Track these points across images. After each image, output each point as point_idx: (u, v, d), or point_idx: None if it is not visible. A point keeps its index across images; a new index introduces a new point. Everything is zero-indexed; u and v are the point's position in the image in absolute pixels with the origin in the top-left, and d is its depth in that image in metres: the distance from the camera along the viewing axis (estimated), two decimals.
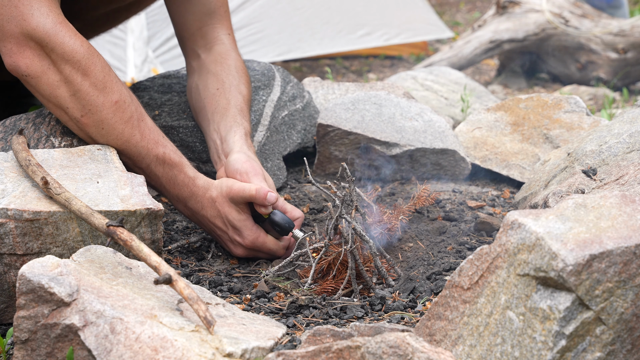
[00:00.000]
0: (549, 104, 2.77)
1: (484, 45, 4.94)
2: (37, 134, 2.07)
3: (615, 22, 4.92)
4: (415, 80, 3.66)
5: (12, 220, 1.68)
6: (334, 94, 2.88)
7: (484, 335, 1.43)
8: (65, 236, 1.73)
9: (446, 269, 2.00)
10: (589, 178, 2.09)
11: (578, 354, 1.36)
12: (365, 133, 2.53)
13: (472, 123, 2.78)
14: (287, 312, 1.80)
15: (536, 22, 4.89)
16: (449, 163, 2.58)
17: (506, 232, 1.42)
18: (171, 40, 4.79)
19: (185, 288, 1.45)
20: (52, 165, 1.89)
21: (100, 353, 1.40)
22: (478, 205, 2.41)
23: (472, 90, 3.65)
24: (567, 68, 4.98)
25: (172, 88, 2.59)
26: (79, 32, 1.99)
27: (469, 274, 1.46)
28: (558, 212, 1.43)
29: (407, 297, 1.88)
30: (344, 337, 1.43)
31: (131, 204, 1.79)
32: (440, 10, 8.05)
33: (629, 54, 4.82)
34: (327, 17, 5.55)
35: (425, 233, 2.18)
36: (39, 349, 1.46)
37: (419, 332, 1.52)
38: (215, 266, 2.08)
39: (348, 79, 5.46)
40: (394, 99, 2.68)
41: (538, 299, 1.37)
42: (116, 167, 1.94)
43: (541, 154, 2.61)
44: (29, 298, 1.45)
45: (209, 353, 1.37)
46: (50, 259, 1.50)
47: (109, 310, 1.43)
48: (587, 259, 1.33)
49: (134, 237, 1.58)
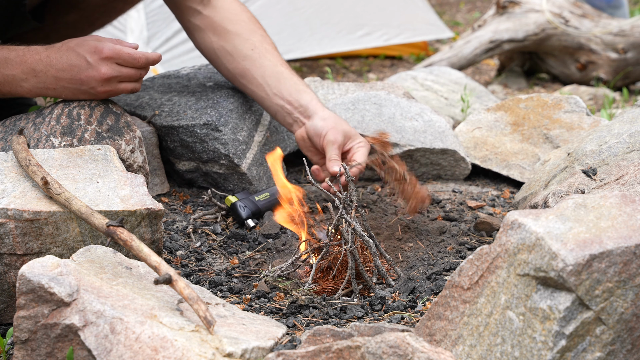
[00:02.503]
0: (549, 104, 2.77)
1: (484, 45, 4.94)
2: (37, 134, 2.07)
3: (615, 22, 4.92)
4: (415, 80, 3.66)
5: (12, 220, 1.68)
6: (334, 94, 2.88)
7: (484, 335, 1.43)
8: (65, 236, 1.73)
9: (446, 269, 2.00)
10: (589, 178, 2.09)
11: (578, 354, 1.36)
12: (365, 133, 2.53)
13: (472, 123, 2.78)
14: (287, 312, 1.80)
15: (536, 22, 4.89)
16: (449, 163, 2.58)
17: (506, 232, 1.42)
18: (171, 40, 4.78)
19: (185, 288, 1.45)
20: (52, 165, 1.89)
21: (100, 353, 1.40)
22: (478, 205, 2.41)
23: (472, 90, 3.65)
24: (567, 68, 4.97)
25: (172, 88, 2.59)
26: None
27: (469, 274, 1.46)
28: (558, 212, 1.43)
29: (407, 297, 1.88)
30: (344, 337, 1.43)
31: (131, 204, 1.79)
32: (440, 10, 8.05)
33: (629, 54, 4.81)
34: (327, 17, 5.55)
35: (425, 233, 2.18)
36: (39, 349, 1.46)
37: (419, 332, 1.52)
38: (215, 266, 2.08)
39: (348, 79, 5.46)
40: (394, 99, 2.68)
41: (538, 299, 1.37)
42: (116, 167, 1.94)
43: (541, 154, 2.61)
44: (29, 298, 1.45)
45: (209, 353, 1.37)
46: (50, 259, 1.50)
47: (109, 310, 1.43)
48: (587, 259, 1.33)
49: (134, 237, 1.58)
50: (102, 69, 2.06)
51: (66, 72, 2.06)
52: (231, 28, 2.32)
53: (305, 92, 2.24)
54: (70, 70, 2.06)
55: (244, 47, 2.30)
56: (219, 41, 2.34)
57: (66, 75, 2.06)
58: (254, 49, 2.29)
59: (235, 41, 2.32)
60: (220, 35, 2.34)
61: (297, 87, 2.25)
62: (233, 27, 2.32)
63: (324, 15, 5.53)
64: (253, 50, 2.29)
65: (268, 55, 2.28)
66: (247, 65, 2.29)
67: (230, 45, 2.32)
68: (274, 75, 2.26)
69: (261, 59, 2.28)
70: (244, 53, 2.30)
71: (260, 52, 2.29)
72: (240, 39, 2.31)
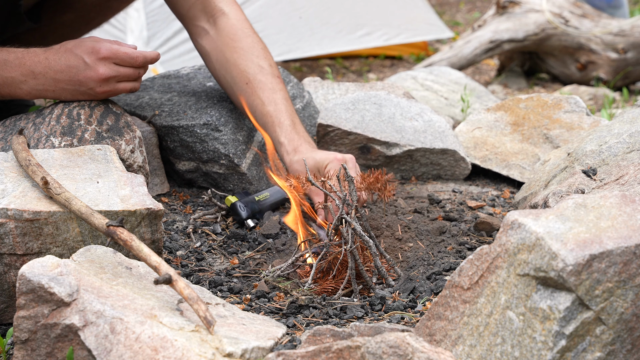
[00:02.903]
0: (549, 104, 2.77)
1: (484, 45, 4.94)
2: (37, 134, 2.07)
3: (615, 22, 4.92)
4: (415, 80, 3.66)
5: (12, 220, 1.68)
6: (334, 94, 2.88)
7: (484, 335, 1.43)
8: (65, 236, 1.73)
9: (446, 269, 2.00)
10: (589, 178, 2.09)
11: (578, 354, 1.36)
12: (365, 133, 2.53)
13: (472, 123, 2.78)
14: (287, 312, 1.80)
15: (536, 22, 4.89)
16: (449, 163, 2.58)
17: (506, 232, 1.42)
18: (171, 40, 4.78)
19: (185, 288, 1.45)
20: (52, 165, 1.89)
21: (100, 353, 1.40)
22: (478, 205, 2.41)
23: (472, 90, 3.65)
24: (567, 68, 4.98)
25: (172, 88, 2.59)
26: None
27: (469, 274, 1.46)
28: (558, 212, 1.43)
29: (407, 297, 1.88)
30: (344, 337, 1.43)
31: (131, 204, 1.79)
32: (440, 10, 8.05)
33: (629, 54, 4.81)
34: (327, 17, 5.55)
35: (425, 233, 2.18)
36: (39, 349, 1.46)
37: (419, 332, 1.52)
38: (215, 266, 2.08)
39: (348, 79, 5.46)
40: (394, 99, 2.68)
41: (538, 299, 1.37)
42: (116, 167, 1.94)
43: (541, 154, 2.61)
44: (29, 298, 1.45)
45: (209, 353, 1.37)
46: (50, 259, 1.50)
47: (109, 310, 1.43)
48: (587, 259, 1.33)
49: (134, 237, 1.58)
50: (100, 69, 2.06)
51: (64, 73, 2.06)
52: (229, 57, 2.33)
53: (282, 134, 2.23)
54: (69, 71, 2.06)
55: (240, 80, 2.32)
56: (220, 69, 2.37)
57: (64, 77, 2.07)
58: (248, 83, 2.30)
59: (233, 72, 2.33)
60: (221, 64, 2.36)
61: (279, 128, 2.24)
62: (231, 55, 2.33)
63: (324, 15, 5.53)
64: (247, 85, 2.30)
65: (259, 92, 2.29)
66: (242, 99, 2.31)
67: (229, 76, 2.35)
68: (261, 116, 2.27)
69: (252, 96, 2.29)
70: (240, 86, 2.32)
71: (252, 88, 2.30)
72: (237, 70, 2.32)
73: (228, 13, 2.37)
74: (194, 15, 2.37)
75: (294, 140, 2.20)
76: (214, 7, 2.37)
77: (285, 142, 2.20)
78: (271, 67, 2.34)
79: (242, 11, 2.43)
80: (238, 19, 2.38)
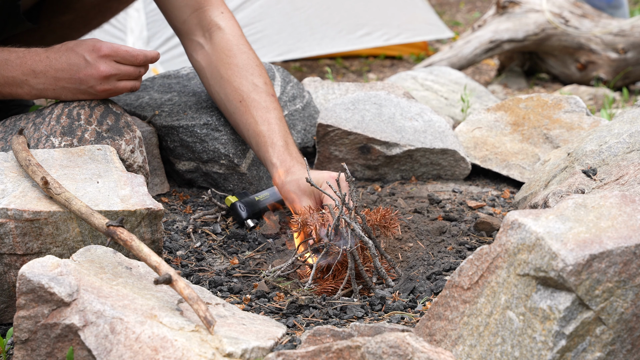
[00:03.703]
0: (549, 104, 2.77)
1: (484, 45, 4.94)
2: (37, 134, 2.07)
3: (615, 22, 4.92)
4: (415, 80, 3.66)
5: (12, 220, 1.68)
6: (334, 94, 2.88)
7: (484, 335, 1.43)
8: (65, 236, 1.73)
9: (446, 269, 2.00)
10: (589, 178, 2.09)
11: (578, 354, 1.36)
12: (365, 133, 2.53)
13: (472, 123, 2.78)
14: (287, 312, 1.80)
15: (536, 22, 4.89)
16: (449, 163, 2.58)
17: (506, 232, 1.42)
18: (171, 40, 4.78)
19: (185, 288, 1.45)
20: (52, 165, 1.89)
21: (100, 353, 1.40)
22: (478, 205, 2.41)
23: (472, 90, 3.65)
24: (567, 68, 4.97)
25: (172, 88, 2.59)
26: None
27: (469, 274, 1.46)
28: (558, 212, 1.43)
29: (407, 297, 1.88)
30: (344, 337, 1.43)
31: (131, 204, 1.79)
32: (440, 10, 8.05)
33: (629, 54, 4.81)
34: (327, 17, 5.55)
35: (425, 233, 2.18)
36: (39, 349, 1.46)
37: (419, 332, 1.52)
38: (215, 266, 2.08)
39: (348, 79, 5.46)
40: (394, 99, 2.68)
41: (538, 299, 1.37)
42: (116, 167, 1.94)
43: (541, 154, 2.61)
44: (29, 298, 1.45)
45: (209, 353, 1.37)
46: (50, 259, 1.50)
47: (109, 310, 1.43)
48: (587, 259, 1.33)
49: (134, 237, 1.58)
50: (100, 67, 2.06)
51: (65, 71, 2.06)
52: (224, 73, 2.31)
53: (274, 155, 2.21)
54: (69, 69, 2.06)
55: (234, 98, 2.30)
56: (214, 86, 2.35)
57: (65, 75, 2.07)
58: (242, 101, 2.28)
59: (227, 89, 2.31)
60: (216, 80, 2.34)
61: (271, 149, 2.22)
62: (225, 72, 2.31)
63: (324, 15, 5.53)
64: (241, 103, 2.28)
65: (253, 111, 2.26)
66: (235, 118, 2.31)
67: (223, 93, 2.33)
68: (254, 135, 2.26)
69: (246, 114, 2.27)
70: (234, 104, 2.30)
71: (246, 106, 2.28)
72: (230, 88, 2.30)
73: (224, 28, 2.34)
74: (189, 28, 2.34)
75: (286, 161, 2.17)
76: (210, 22, 2.34)
77: (278, 163, 2.17)
78: (266, 85, 2.32)
79: (239, 26, 2.40)
80: (234, 34, 2.35)
